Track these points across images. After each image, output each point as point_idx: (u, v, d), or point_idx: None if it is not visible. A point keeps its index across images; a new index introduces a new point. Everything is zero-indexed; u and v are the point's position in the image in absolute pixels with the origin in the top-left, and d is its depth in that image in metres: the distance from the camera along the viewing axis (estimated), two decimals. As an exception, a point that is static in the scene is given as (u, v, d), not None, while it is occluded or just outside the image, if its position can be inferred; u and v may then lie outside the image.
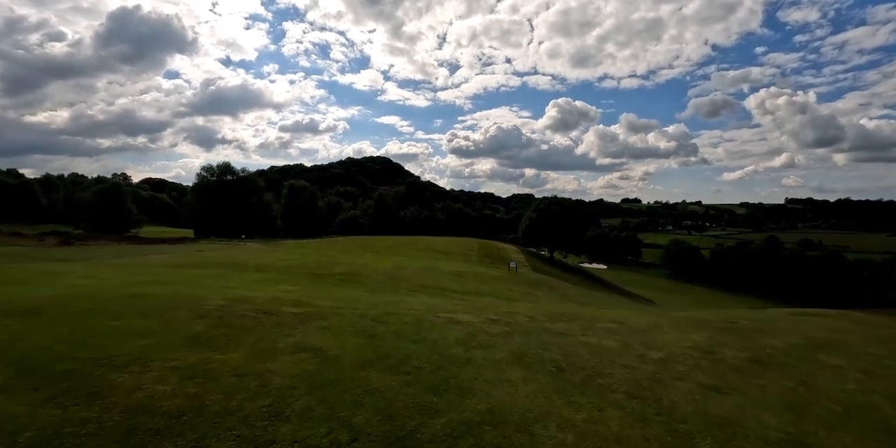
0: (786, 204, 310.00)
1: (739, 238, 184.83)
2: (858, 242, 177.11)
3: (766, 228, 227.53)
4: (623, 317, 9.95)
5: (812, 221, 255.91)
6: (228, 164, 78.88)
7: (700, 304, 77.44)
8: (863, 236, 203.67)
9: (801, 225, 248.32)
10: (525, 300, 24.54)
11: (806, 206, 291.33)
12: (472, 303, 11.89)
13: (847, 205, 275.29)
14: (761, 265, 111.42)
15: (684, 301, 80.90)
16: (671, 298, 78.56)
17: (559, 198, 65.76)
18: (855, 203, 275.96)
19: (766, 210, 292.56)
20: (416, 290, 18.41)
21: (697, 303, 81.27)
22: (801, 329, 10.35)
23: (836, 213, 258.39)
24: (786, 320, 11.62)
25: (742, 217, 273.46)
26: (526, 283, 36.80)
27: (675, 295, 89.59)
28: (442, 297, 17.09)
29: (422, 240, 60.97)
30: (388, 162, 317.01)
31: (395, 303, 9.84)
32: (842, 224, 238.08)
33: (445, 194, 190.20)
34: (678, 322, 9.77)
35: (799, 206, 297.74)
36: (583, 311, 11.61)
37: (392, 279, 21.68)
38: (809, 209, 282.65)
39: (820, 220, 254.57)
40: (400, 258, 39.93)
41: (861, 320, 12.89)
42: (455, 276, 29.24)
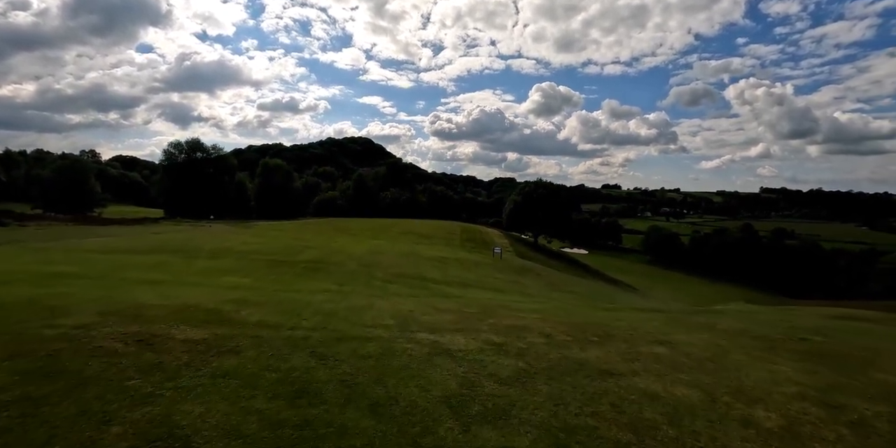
0: (760, 193, 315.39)
1: (716, 225, 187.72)
2: (829, 232, 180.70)
3: (741, 216, 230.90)
4: (664, 332, 7.84)
5: (785, 211, 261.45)
6: (198, 141, 74.48)
7: (682, 291, 77.10)
8: (833, 226, 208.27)
9: (775, 214, 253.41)
10: (514, 291, 22.51)
11: (779, 196, 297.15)
12: (460, 304, 9.64)
13: (819, 195, 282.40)
14: (739, 253, 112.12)
15: (665, 287, 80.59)
16: (653, 285, 78.11)
17: (544, 181, 63.68)
18: (826, 194, 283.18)
19: (742, 198, 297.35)
20: (392, 281, 16.11)
21: (679, 289, 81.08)
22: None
23: (809, 204, 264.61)
24: (854, 332, 9.69)
25: (718, 205, 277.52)
26: (511, 269, 34.82)
27: (656, 281, 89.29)
28: (423, 289, 14.86)
29: (402, 223, 58.45)
30: (370, 143, 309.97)
31: (358, 310, 7.46)
32: (813, 214, 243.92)
33: (427, 176, 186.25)
34: (739, 342, 7.71)
35: (773, 195, 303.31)
36: (605, 319, 9.46)
37: (366, 267, 19.33)
38: (783, 199, 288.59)
39: (793, 210, 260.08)
40: (378, 242, 37.43)
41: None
42: (437, 263, 27.02)
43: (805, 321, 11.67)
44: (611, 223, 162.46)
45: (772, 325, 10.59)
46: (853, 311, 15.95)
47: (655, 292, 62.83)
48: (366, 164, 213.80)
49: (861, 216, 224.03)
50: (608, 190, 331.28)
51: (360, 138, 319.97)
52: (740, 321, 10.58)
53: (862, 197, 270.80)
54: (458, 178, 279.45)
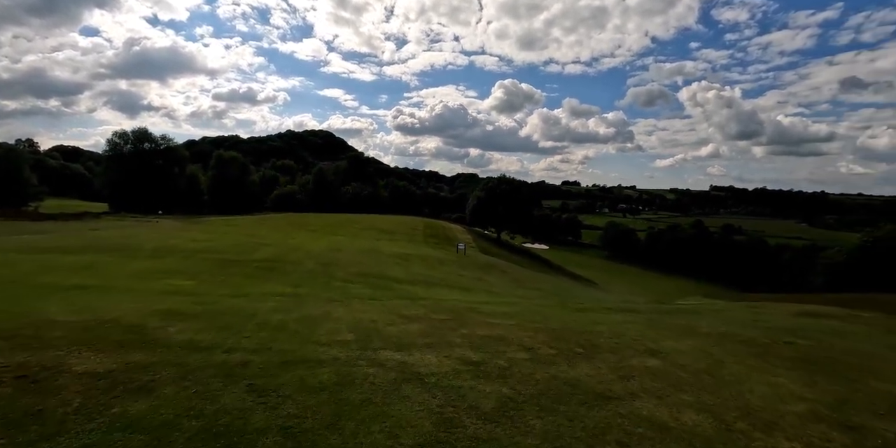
0: (710, 191, 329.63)
1: (669, 221, 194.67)
2: (772, 228, 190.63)
3: (693, 213, 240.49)
4: (650, 339, 7.22)
5: (733, 208, 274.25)
6: (146, 131, 70.16)
7: (639, 285, 78.94)
8: (776, 222, 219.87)
9: (723, 211, 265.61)
10: (480, 289, 21.86)
11: (727, 194, 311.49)
12: (428, 309, 8.77)
13: (763, 193, 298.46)
14: (692, 248, 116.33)
15: (623, 282, 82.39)
16: (611, 279, 79.68)
17: (507, 177, 63.46)
18: (770, 192, 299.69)
19: (693, 196, 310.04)
20: (352, 282, 15.05)
21: (635, 284, 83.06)
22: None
23: (754, 201, 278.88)
24: (829, 333, 9.38)
25: (671, 202, 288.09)
26: (476, 266, 34.26)
27: (614, 275, 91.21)
28: (386, 290, 13.89)
29: (364, 218, 56.96)
30: (331, 136, 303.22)
31: (312, 322, 6.41)
32: (758, 211, 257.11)
33: (389, 171, 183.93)
34: (727, 348, 7.18)
35: (722, 193, 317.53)
36: (583, 323, 8.82)
37: (325, 266, 18.15)
38: (730, 196, 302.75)
39: (740, 207, 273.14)
40: (338, 238, 36.02)
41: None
42: (400, 260, 26.06)
43: (777, 320, 11.47)
44: (570, 219, 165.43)
45: (748, 325, 10.27)
46: (816, 308, 16.09)
47: (614, 287, 63.94)
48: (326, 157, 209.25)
49: (800, 213, 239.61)
50: (568, 186, 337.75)
51: (320, 131, 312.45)
52: (718, 322, 10.20)
53: (801, 196, 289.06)
54: (420, 173, 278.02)
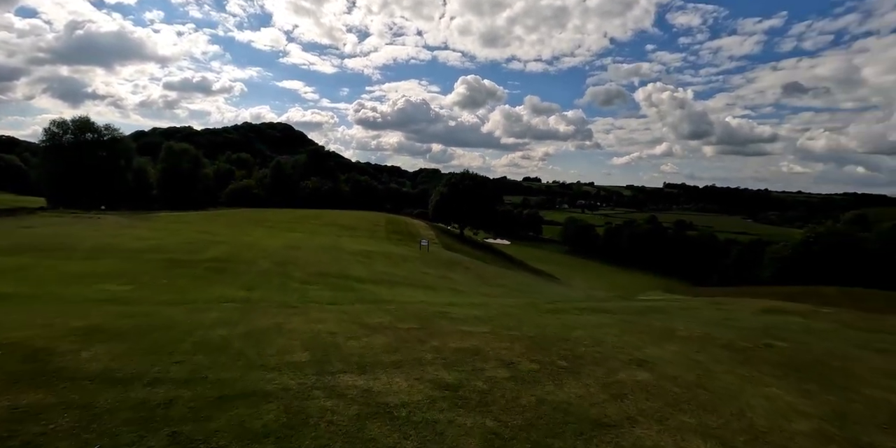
0: (664, 188, 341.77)
1: (626, 217, 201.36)
2: (721, 223, 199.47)
3: (648, 209, 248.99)
4: (633, 346, 6.72)
5: (684, 204, 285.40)
6: (88, 120, 65.48)
7: (600, 279, 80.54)
8: (724, 218, 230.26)
9: (676, 207, 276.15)
10: (445, 287, 21.24)
11: (680, 191, 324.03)
12: (393, 315, 8.04)
13: (712, 191, 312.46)
14: (648, 243, 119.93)
15: (584, 276, 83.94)
16: (572, 274, 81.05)
17: (471, 173, 62.99)
18: (718, 189, 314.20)
19: (648, 193, 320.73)
20: (311, 282, 14.09)
21: (595, 278, 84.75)
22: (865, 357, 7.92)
23: (704, 198, 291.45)
24: (800, 332, 9.21)
25: (628, 198, 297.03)
26: (440, 263, 33.65)
27: (575, 270, 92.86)
28: (348, 292, 13.03)
29: (324, 213, 55.27)
30: (290, 129, 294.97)
31: (261, 337, 5.44)
32: (707, 207, 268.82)
33: (351, 166, 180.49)
34: (711, 353, 6.80)
35: (674, 190, 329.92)
36: (557, 327, 8.32)
37: (282, 265, 17.05)
38: (682, 193, 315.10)
39: (691, 204, 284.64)
40: (297, 235, 34.57)
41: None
42: (362, 258, 25.10)
43: (747, 319, 11.38)
44: (532, 215, 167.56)
45: (720, 325, 10.08)
46: (777, 304, 16.36)
47: (575, 282, 64.86)
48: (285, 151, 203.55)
49: (746, 210, 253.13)
50: (529, 183, 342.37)
51: (279, 124, 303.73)
52: (692, 323, 9.95)
53: (747, 193, 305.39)
54: (382, 168, 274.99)
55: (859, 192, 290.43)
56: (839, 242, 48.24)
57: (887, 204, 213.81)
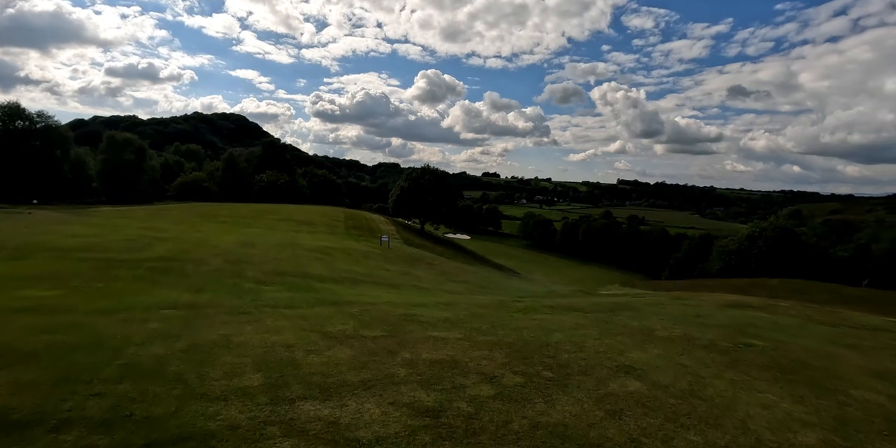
0: (617, 184, 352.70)
1: (582, 212, 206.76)
2: (670, 218, 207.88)
3: (603, 205, 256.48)
4: (616, 350, 6.30)
5: (637, 200, 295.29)
6: (18, 106, 60.51)
7: (559, 273, 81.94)
8: (673, 214, 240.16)
9: (629, 203, 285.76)
10: (409, 285, 20.59)
11: (633, 187, 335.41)
12: (357, 320, 7.35)
13: (663, 187, 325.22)
14: (604, 238, 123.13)
15: (544, 270, 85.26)
16: (532, 268, 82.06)
17: (432, 167, 62.29)
18: (668, 186, 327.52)
19: (603, 189, 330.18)
20: (267, 283, 13.12)
21: (554, 272, 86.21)
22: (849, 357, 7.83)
23: (654, 194, 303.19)
24: (771, 329, 9.11)
25: (584, 194, 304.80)
26: (402, 259, 32.92)
27: (534, 264, 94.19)
28: (307, 292, 12.17)
29: (281, 208, 53.25)
30: (244, 121, 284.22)
31: (205, 355, 4.49)
32: (658, 203, 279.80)
33: (308, 159, 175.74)
34: (697, 357, 6.47)
35: (627, 186, 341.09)
36: (534, 330, 7.87)
37: (234, 264, 15.92)
38: (635, 190, 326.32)
39: (643, 199, 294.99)
40: (252, 230, 32.95)
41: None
42: (321, 255, 24.06)
43: (716, 315, 11.33)
44: (491, 210, 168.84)
45: (693, 323, 9.94)
46: (738, 299, 16.61)
47: (536, 276, 65.56)
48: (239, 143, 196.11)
49: (693, 206, 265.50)
50: (488, 178, 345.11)
51: (232, 115, 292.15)
52: (666, 321, 9.76)
53: (694, 190, 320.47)
54: (341, 161, 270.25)
55: (795, 190, 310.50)
56: (781, 236, 50.62)
57: (818, 200, 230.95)
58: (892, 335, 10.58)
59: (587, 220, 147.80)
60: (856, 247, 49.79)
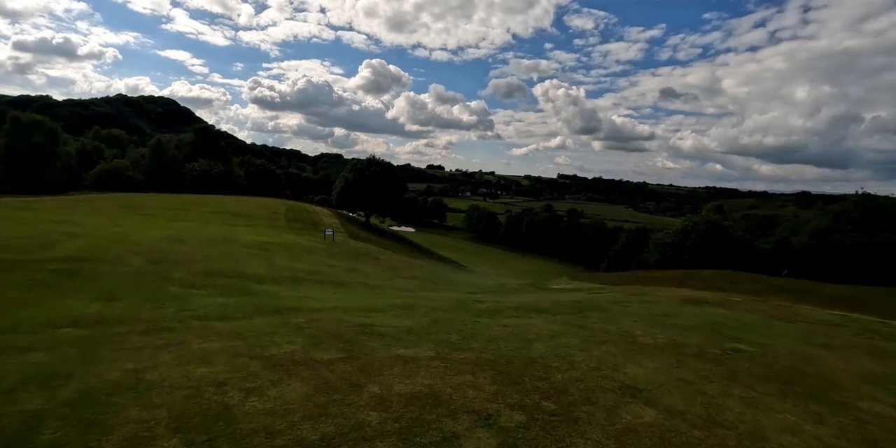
0: (558, 179, 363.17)
1: (524, 205, 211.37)
2: (607, 212, 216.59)
3: (544, 198, 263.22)
4: (608, 364, 5.47)
5: (576, 194, 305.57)
6: None
7: (504, 266, 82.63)
8: (609, 207, 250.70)
9: (568, 196, 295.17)
10: (356, 283, 19.32)
11: (572, 182, 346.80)
12: (306, 337, 6.17)
13: (600, 182, 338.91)
14: (547, 231, 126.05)
15: (488, 262, 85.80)
16: (477, 260, 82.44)
17: (377, 159, 60.44)
18: (605, 181, 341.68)
19: (544, 183, 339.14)
20: (196, 286, 11.50)
21: (500, 264, 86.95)
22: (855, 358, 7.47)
23: (592, 188, 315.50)
24: (744, 329, 8.73)
25: (526, 187, 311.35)
26: (347, 254, 31.39)
27: (479, 257, 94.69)
28: (243, 296, 10.70)
29: (215, 200, 49.68)
30: (175, 105, 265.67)
31: (94, 413, 3.07)
32: (595, 197, 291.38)
33: (246, 148, 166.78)
34: (693, 368, 5.82)
35: (567, 181, 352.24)
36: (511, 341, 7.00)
37: (159, 264, 14.04)
38: (574, 184, 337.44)
39: (581, 193, 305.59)
40: (182, 224, 30.17)
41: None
42: (260, 251, 22.22)
43: (682, 314, 11.00)
44: (436, 202, 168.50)
45: (665, 324, 9.49)
46: (693, 294, 16.68)
47: (481, 268, 65.64)
48: (168, 129, 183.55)
49: (627, 200, 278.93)
50: (433, 170, 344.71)
51: (161, 98, 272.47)
52: (641, 323, 9.24)
53: (628, 185, 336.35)
54: (281, 151, 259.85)
55: (718, 186, 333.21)
56: (711, 230, 53.20)
57: (738, 196, 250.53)
58: (849, 330, 10.68)
59: (530, 213, 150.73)
60: (778, 240, 53.18)
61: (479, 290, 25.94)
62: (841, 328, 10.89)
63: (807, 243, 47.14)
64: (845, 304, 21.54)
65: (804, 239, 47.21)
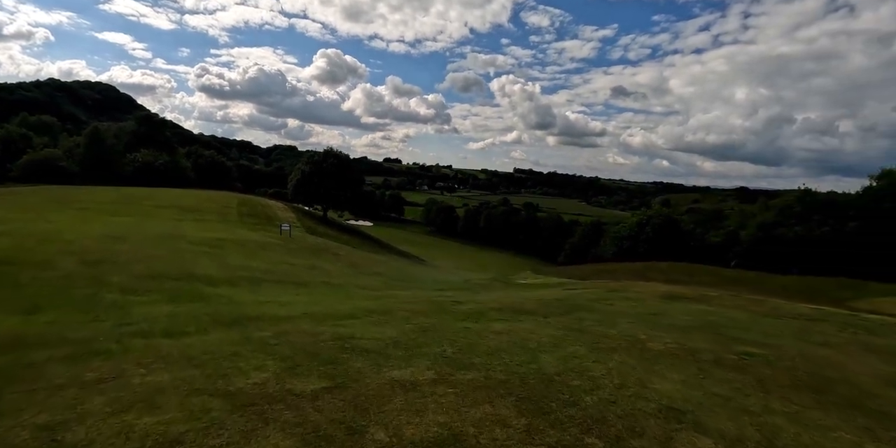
0: (514, 173, 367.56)
1: (481, 199, 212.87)
2: (562, 206, 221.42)
3: (500, 192, 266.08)
4: (637, 381, 4.69)
5: (532, 188, 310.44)
6: None
7: (464, 259, 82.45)
8: (563, 201, 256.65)
9: (524, 190, 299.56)
10: (318, 282, 18.09)
11: (528, 176, 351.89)
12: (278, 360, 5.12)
13: (554, 176, 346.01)
14: (505, 224, 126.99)
15: (449, 256, 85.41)
16: (436, 254, 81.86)
17: (335, 151, 58.36)
18: (559, 176, 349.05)
19: (501, 177, 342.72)
20: (138, 291, 10.06)
21: (460, 258, 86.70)
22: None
23: (547, 183, 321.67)
24: (738, 327, 8.29)
25: (483, 181, 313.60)
26: (306, 251, 29.87)
27: (439, 251, 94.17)
28: (194, 303, 9.41)
29: (160, 193, 46.32)
30: (114, 91, 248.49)
31: None
32: (550, 192, 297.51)
33: (193, 138, 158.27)
34: (718, 379, 5.14)
35: (523, 175, 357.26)
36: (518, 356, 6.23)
37: (94, 266, 12.37)
38: (530, 178, 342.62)
39: (537, 187, 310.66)
40: (123, 220, 27.66)
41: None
42: (211, 249, 20.52)
43: (669, 312, 10.58)
44: (395, 196, 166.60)
45: (661, 325, 9.00)
46: (670, 289, 16.52)
47: (441, 262, 65.02)
48: (107, 116, 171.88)
49: (580, 194, 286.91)
50: (389, 163, 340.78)
51: (99, 84, 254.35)
52: (638, 324, 8.67)
53: (581, 179, 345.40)
54: (231, 142, 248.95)
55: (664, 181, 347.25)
56: (665, 223, 54.72)
57: (683, 191, 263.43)
58: (833, 326, 10.57)
59: (488, 206, 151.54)
60: (727, 233, 55.27)
61: (448, 287, 25.12)
62: (824, 323, 10.79)
63: (755, 236, 49.27)
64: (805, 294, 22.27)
65: (752, 232, 49.31)
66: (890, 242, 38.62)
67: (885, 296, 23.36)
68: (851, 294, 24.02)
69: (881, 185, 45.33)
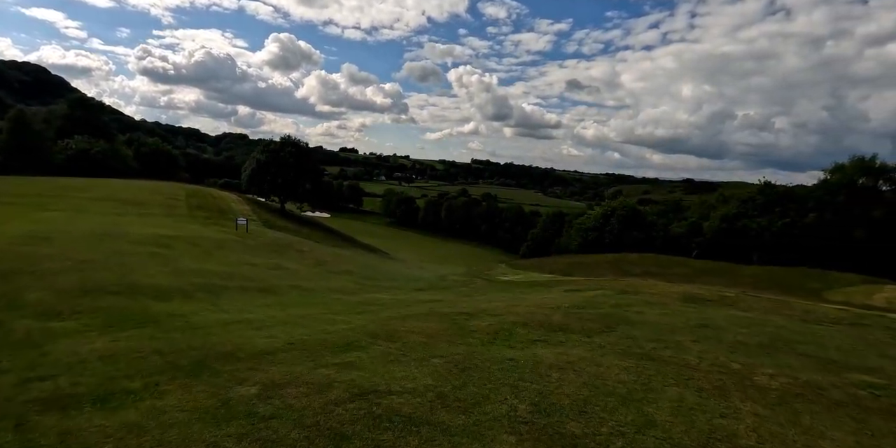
0: (472, 164, 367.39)
1: (440, 189, 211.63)
2: (520, 196, 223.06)
3: (459, 183, 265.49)
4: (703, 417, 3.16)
5: (489, 179, 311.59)
6: None
7: (426, 251, 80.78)
8: (520, 192, 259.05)
9: (482, 181, 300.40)
10: (287, 286, 15.88)
11: (485, 167, 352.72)
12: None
13: (511, 167, 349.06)
14: (466, 215, 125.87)
15: (411, 248, 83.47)
16: (397, 246, 79.63)
17: (294, 139, 54.82)
18: (516, 167, 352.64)
19: (458, 167, 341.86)
20: (61, 314, 7.70)
21: (422, 250, 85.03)
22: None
23: (504, 173, 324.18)
24: (819, 343, 7.01)
25: (441, 172, 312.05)
26: (266, 247, 27.28)
27: (400, 242, 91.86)
28: (135, 329, 7.19)
29: (97, 184, 41.72)
30: (44, 73, 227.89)
31: None
32: (507, 182, 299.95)
33: (134, 125, 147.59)
34: (797, 408, 3.67)
35: (481, 166, 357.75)
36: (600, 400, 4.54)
37: (7, 279, 9.76)
38: (487, 169, 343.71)
39: (494, 178, 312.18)
40: (51, 215, 24.09)
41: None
42: (158, 248, 17.83)
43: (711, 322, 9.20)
44: (353, 186, 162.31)
45: (725, 342, 7.59)
46: (688, 290, 15.32)
47: (405, 255, 63.01)
48: (37, 100, 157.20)
49: (537, 185, 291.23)
50: (346, 153, 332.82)
51: (27, 64, 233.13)
52: (708, 346, 7.23)
53: (537, 171, 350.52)
54: (177, 129, 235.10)
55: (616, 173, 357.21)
56: (629, 214, 54.86)
57: (633, 182, 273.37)
58: (885, 333, 9.58)
59: (448, 197, 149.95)
60: (690, 224, 56.00)
61: (428, 286, 23.32)
62: (871, 328, 9.80)
63: (718, 227, 50.07)
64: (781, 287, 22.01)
65: (716, 223, 50.11)
66: (844, 233, 39.90)
67: (851, 285, 23.53)
68: (820, 285, 24.01)
69: (835, 179, 46.89)
